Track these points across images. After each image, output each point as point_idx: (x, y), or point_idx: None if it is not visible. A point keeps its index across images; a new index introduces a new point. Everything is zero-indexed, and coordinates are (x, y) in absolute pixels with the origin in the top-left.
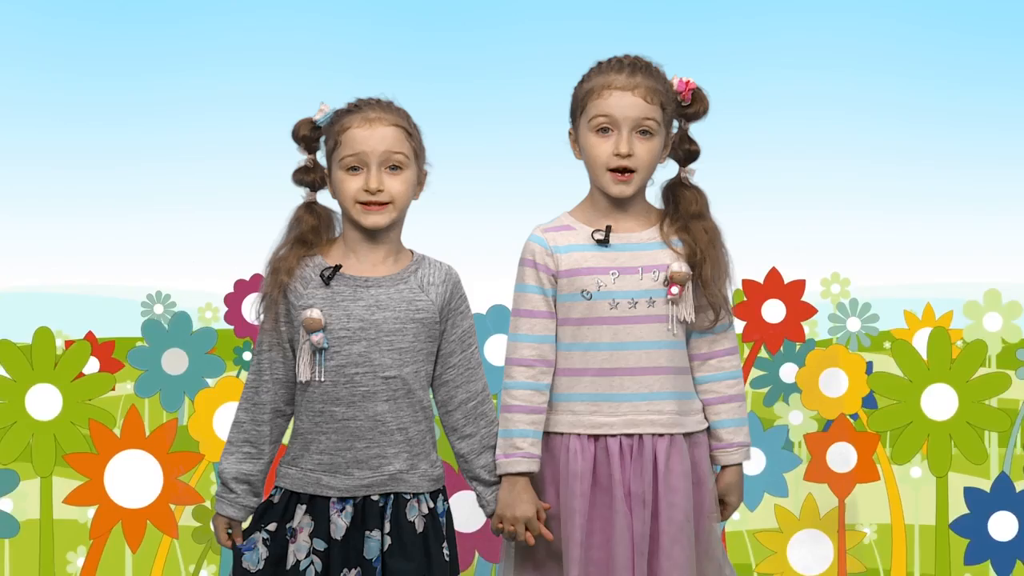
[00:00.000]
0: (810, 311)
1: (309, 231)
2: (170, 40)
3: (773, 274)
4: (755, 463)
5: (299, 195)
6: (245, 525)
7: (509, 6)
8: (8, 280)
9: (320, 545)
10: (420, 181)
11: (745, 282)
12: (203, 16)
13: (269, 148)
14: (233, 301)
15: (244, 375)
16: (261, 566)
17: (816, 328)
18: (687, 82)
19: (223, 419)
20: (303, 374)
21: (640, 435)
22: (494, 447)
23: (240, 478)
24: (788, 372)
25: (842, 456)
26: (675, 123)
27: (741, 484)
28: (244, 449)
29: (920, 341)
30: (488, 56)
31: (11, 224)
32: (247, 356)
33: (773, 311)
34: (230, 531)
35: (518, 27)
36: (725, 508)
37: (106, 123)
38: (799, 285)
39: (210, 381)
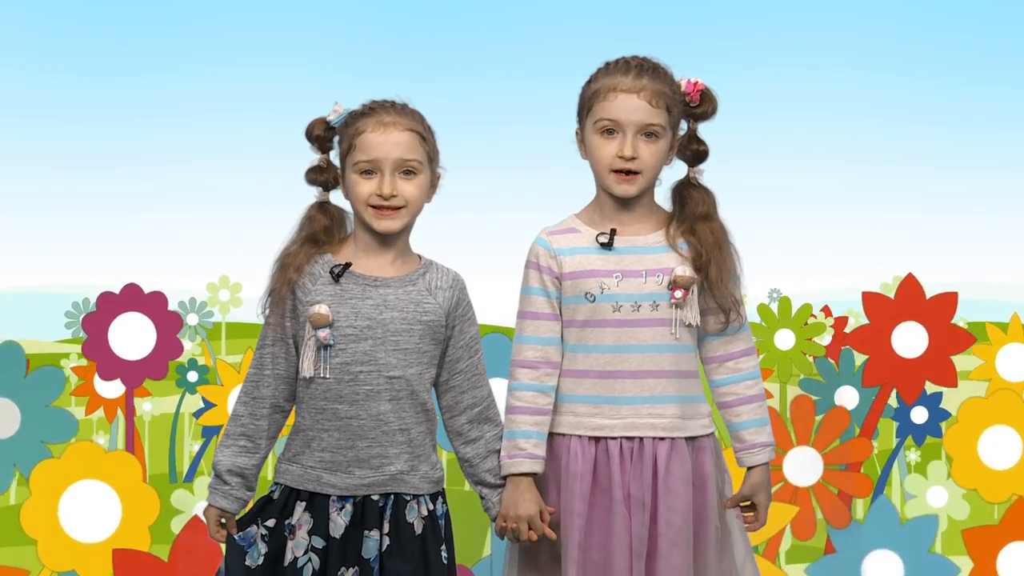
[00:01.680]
0: (965, 339)
1: (321, 230)
2: (170, 40)
3: (909, 284)
4: (887, 572)
5: (311, 194)
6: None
7: (513, 6)
8: (8, 280)
9: (319, 543)
10: (433, 184)
11: (867, 297)
12: (204, 16)
13: (271, 148)
14: (96, 325)
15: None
16: (260, 562)
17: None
18: (695, 83)
19: (73, 504)
20: (307, 370)
21: (640, 438)
22: (498, 451)
23: (234, 471)
24: (847, 396)
25: (1021, 561)
26: (684, 123)
27: (768, 483)
28: (240, 443)
29: (1009, 361)
30: (492, 56)
31: (11, 224)
32: (192, 376)
33: (909, 340)
34: (222, 522)
35: (523, 26)
36: (757, 510)
37: (106, 123)
38: (947, 301)
39: (55, 449)
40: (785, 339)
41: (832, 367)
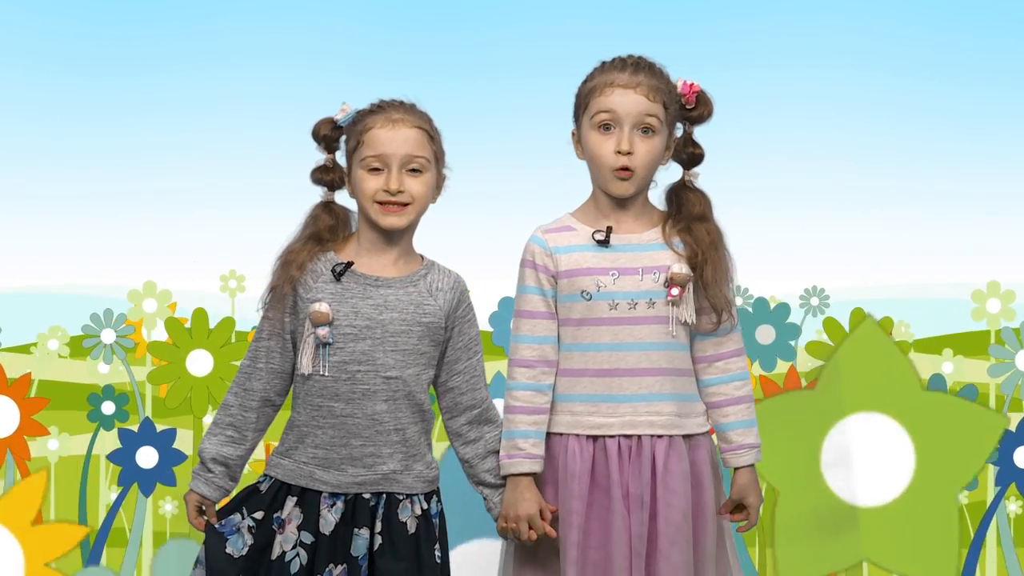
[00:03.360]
0: None
1: (325, 230)
2: (170, 40)
3: None
4: None
5: (317, 193)
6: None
7: (513, 6)
8: (8, 280)
9: (307, 538)
10: (439, 185)
11: None
12: (204, 16)
13: (270, 148)
14: None
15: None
16: (244, 552)
17: (948, 363)
18: (691, 85)
19: None
20: (305, 367)
21: (639, 436)
22: (498, 452)
23: (219, 459)
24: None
25: None
26: (680, 126)
27: (757, 484)
28: (227, 432)
29: None
30: (492, 56)
31: (10, 224)
32: (107, 408)
33: None
34: (202, 508)
35: (523, 27)
36: (748, 510)
37: (106, 123)
38: None
39: None
40: None
41: None
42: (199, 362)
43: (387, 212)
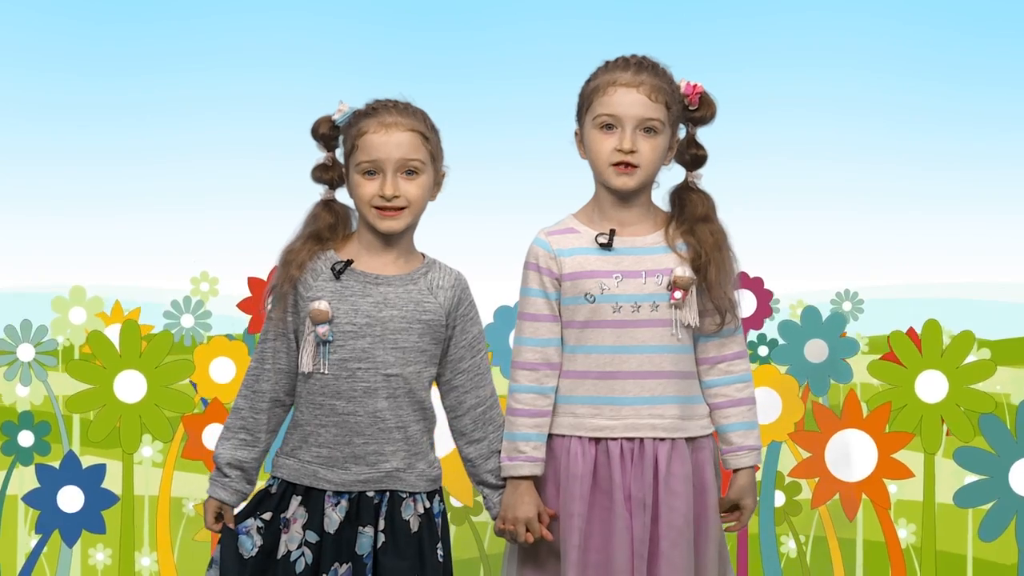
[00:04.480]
0: None
1: (325, 228)
2: (170, 40)
3: None
4: None
5: (318, 192)
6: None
7: (513, 6)
8: (7, 280)
9: (312, 537)
10: (437, 183)
11: None
12: (203, 16)
13: (270, 148)
14: None
15: None
16: (254, 553)
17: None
18: (695, 86)
19: None
20: (306, 365)
21: (641, 439)
22: (500, 452)
23: (234, 464)
24: None
25: None
26: (683, 127)
27: (755, 486)
28: (240, 435)
29: None
30: (492, 56)
31: (8, 224)
32: (25, 439)
33: None
34: (220, 514)
35: (523, 27)
36: (742, 512)
37: (105, 123)
38: None
39: None
40: (933, 385)
41: (1006, 429)
42: (129, 385)
43: (383, 217)
